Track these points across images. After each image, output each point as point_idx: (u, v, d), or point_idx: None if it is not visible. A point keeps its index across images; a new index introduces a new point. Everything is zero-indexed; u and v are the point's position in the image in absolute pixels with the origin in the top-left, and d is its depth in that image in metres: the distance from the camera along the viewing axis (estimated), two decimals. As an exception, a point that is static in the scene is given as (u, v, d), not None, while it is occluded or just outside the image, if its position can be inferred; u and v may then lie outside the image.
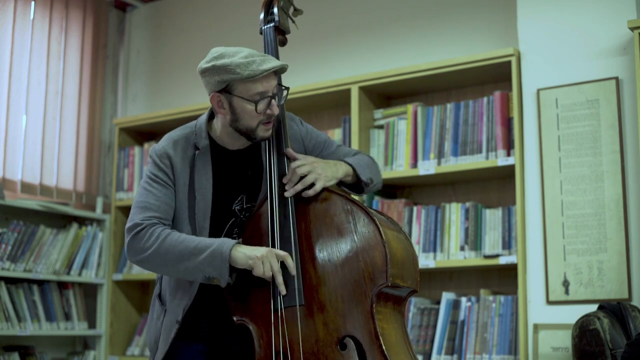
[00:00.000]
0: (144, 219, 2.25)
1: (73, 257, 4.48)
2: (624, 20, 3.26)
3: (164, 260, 2.21)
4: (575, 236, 3.29)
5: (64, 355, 4.64)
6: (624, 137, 3.25)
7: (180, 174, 2.30)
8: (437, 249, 3.68)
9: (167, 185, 2.29)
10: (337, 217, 2.18)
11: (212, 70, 2.20)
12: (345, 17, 4.43)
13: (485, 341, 3.51)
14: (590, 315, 2.90)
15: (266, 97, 2.21)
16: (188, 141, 2.33)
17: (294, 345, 2.14)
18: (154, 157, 2.32)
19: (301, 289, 2.16)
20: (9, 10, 4.49)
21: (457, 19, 4.07)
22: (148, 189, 2.29)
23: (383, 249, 2.10)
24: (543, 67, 3.47)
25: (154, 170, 2.31)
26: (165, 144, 2.34)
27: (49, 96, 4.68)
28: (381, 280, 2.09)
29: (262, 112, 2.22)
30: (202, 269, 2.16)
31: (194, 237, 2.22)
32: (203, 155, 2.31)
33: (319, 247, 2.18)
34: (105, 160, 5.04)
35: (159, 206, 2.26)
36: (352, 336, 2.10)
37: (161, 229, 2.23)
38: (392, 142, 3.88)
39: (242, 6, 4.81)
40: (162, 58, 5.15)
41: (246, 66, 2.16)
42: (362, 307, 2.10)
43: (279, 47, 2.49)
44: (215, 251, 2.14)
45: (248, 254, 2.14)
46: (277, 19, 2.46)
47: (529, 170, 3.45)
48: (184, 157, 2.31)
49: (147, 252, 2.22)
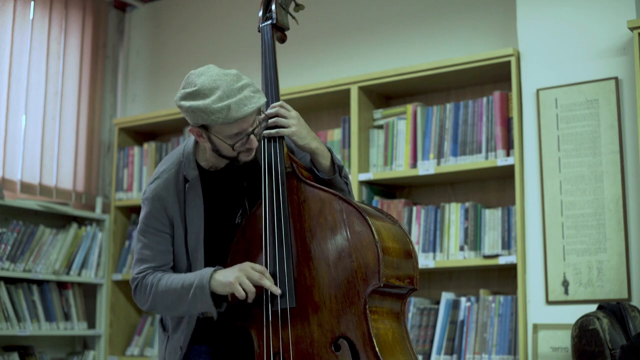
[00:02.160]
0: (138, 272, 2.32)
1: (72, 257, 4.48)
2: (623, 20, 3.26)
3: (164, 305, 2.28)
4: (575, 236, 3.29)
5: (64, 355, 4.64)
6: (624, 137, 3.25)
7: (173, 213, 2.32)
8: (436, 249, 3.68)
9: (159, 232, 2.32)
10: (330, 216, 2.17)
11: (188, 111, 2.16)
12: (344, 17, 4.43)
13: (484, 341, 3.51)
14: (590, 315, 2.90)
15: (243, 136, 2.19)
16: (178, 175, 2.33)
17: (289, 346, 2.14)
18: (147, 202, 2.34)
19: (292, 291, 2.16)
20: (9, 10, 4.49)
21: (456, 19, 4.07)
22: (142, 240, 2.33)
23: (375, 249, 2.08)
24: (542, 67, 3.47)
25: (146, 219, 2.33)
26: (156, 185, 2.34)
27: (49, 96, 4.68)
28: (374, 281, 2.07)
29: (239, 149, 2.22)
30: (193, 308, 2.23)
31: (179, 277, 2.25)
32: (193, 187, 2.32)
33: (313, 247, 2.17)
34: (105, 160, 5.04)
35: (153, 256, 2.31)
36: (346, 337, 2.09)
37: (152, 277, 2.29)
38: (391, 142, 3.88)
39: (242, 6, 4.81)
40: (162, 58, 5.15)
41: (220, 112, 2.11)
42: (355, 308, 2.09)
43: (278, 44, 2.48)
44: (197, 288, 2.19)
45: (222, 282, 2.16)
46: (274, 17, 2.45)
47: (528, 170, 3.45)
48: (176, 194, 2.32)
49: (148, 302, 2.30)
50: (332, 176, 2.30)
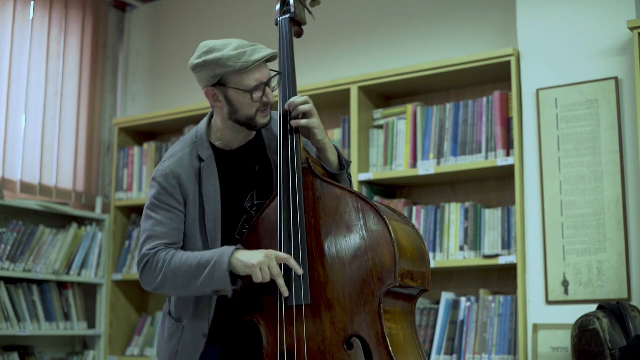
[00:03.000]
0: (150, 249, 2.26)
1: (72, 257, 4.48)
2: (623, 20, 3.26)
3: (175, 283, 2.23)
4: (575, 236, 3.29)
5: (64, 355, 4.64)
6: (624, 137, 3.25)
7: (189, 191, 2.30)
8: (436, 249, 3.68)
9: (173, 209, 2.28)
10: (347, 214, 2.15)
11: (204, 66, 2.22)
12: (344, 17, 4.43)
13: (484, 341, 3.51)
14: (590, 315, 2.90)
15: (261, 86, 2.24)
16: (192, 155, 2.33)
17: (301, 343, 2.12)
18: (159, 180, 2.30)
19: (307, 288, 2.14)
20: (9, 10, 4.49)
21: (456, 19, 4.07)
22: (153, 217, 2.28)
23: (392, 248, 2.06)
24: (542, 67, 3.47)
25: (158, 195, 2.29)
26: (170, 162, 2.32)
27: (49, 96, 4.68)
28: (390, 280, 2.06)
29: (258, 100, 2.24)
30: (207, 284, 2.18)
31: (196, 254, 2.22)
32: (208, 166, 2.31)
33: (328, 245, 2.16)
34: (105, 160, 5.04)
35: (166, 233, 2.27)
36: (359, 336, 2.08)
37: (165, 253, 2.24)
38: (391, 142, 3.88)
39: (242, 6, 4.81)
40: (162, 58, 5.15)
41: (238, 58, 2.19)
42: (369, 307, 2.07)
43: (294, 38, 2.47)
44: (216, 264, 2.15)
45: (245, 262, 2.13)
46: (292, 10, 2.44)
47: (528, 170, 3.45)
48: (191, 173, 2.31)
49: (157, 280, 2.24)
50: (339, 172, 2.31)
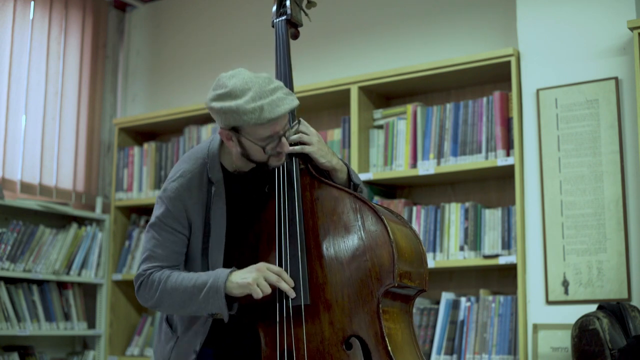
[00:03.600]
0: (145, 269, 2.24)
1: (72, 257, 4.48)
2: (623, 20, 3.26)
3: (171, 303, 2.21)
4: (575, 236, 3.29)
5: (64, 355, 4.64)
6: (624, 137, 3.25)
7: (195, 214, 2.26)
8: (436, 249, 3.68)
9: (176, 232, 2.25)
10: (345, 214, 2.16)
11: (220, 112, 2.12)
12: (344, 17, 4.43)
13: (484, 341, 3.51)
14: (590, 315, 2.90)
15: (275, 137, 2.15)
16: (202, 176, 2.27)
17: (300, 344, 2.13)
18: (167, 201, 2.25)
19: (307, 288, 2.14)
20: (9, 10, 4.49)
21: (456, 19, 4.07)
22: (155, 237, 2.25)
23: (390, 248, 2.07)
24: (542, 67, 3.47)
25: (163, 217, 2.25)
26: (178, 185, 2.26)
27: (49, 96, 4.68)
28: (388, 280, 2.07)
29: (271, 153, 2.18)
30: (203, 307, 2.17)
31: (191, 276, 2.19)
32: (217, 188, 2.27)
33: (326, 245, 2.16)
34: (105, 160, 5.04)
35: (167, 256, 2.24)
36: (358, 336, 2.08)
37: (160, 273, 2.22)
38: (391, 142, 3.88)
39: (242, 6, 4.80)
40: (162, 58, 5.15)
41: (253, 113, 2.07)
42: (368, 307, 2.08)
43: (290, 40, 2.47)
44: (211, 288, 2.13)
45: (240, 283, 2.11)
46: (289, 12, 2.44)
47: (528, 170, 3.45)
48: (199, 196, 2.26)
49: (154, 298, 2.23)
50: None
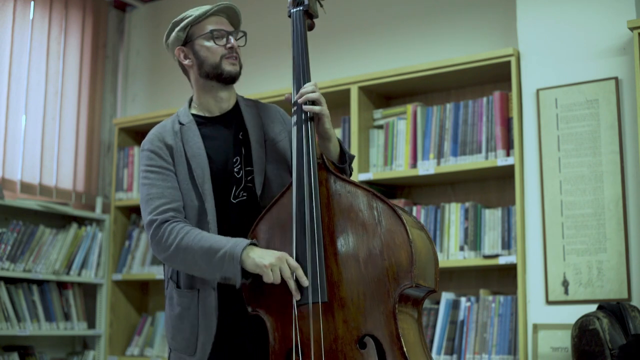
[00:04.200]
0: (152, 211, 2.29)
1: (72, 257, 4.48)
2: (623, 20, 3.26)
3: (184, 260, 2.23)
4: (575, 236, 3.29)
5: (64, 355, 4.64)
6: (624, 137, 3.25)
7: (174, 149, 2.37)
8: (436, 249, 3.68)
9: (162, 169, 2.35)
10: (362, 212, 2.13)
11: (171, 28, 2.40)
12: (344, 17, 4.43)
13: (484, 341, 3.51)
14: (590, 315, 2.90)
15: (222, 31, 2.37)
16: (174, 122, 2.43)
17: (311, 341, 2.10)
18: (146, 147, 2.39)
19: (324, 285, 2.11)
20: (9, 10, 4.49)
21: (456, 19, 4.07)
22: (147, 183, 2.34)
23: (409, 248, 2.05)
24: (542, 67, 3.46)
25: (147, 160, 2.37)
26: (153, 131, 2.44)
27: (49, 96, 4.68)
28: (406, 281, 2.04)
29: (221, 44, 2.35)
30: (216, 270, 2.17)
31: (209, 236, 2.22)
32: (189, 128, 2.40)
33: (342, 242, 2.14)
34: (105, 160, 5.04)
35: (162, 193, 2.31)
36: (373, 335, 2.06)
37: (180, 226, 2.25)
38: (391, 142, 3.88)
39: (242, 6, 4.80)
40: (162, 58, 5.15)
41: (196, 9, 2.37)
42: (384, 307, 2.05)
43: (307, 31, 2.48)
44: (228, 254, 2.14)
45: (257, 262, 2.12)
46: (306, 2, 2.45)
47: (528, 170, 3.45)
48: (174, 134, 2.39)
49: (167, 252, 2.25)
50: (343, 165, 2.31)
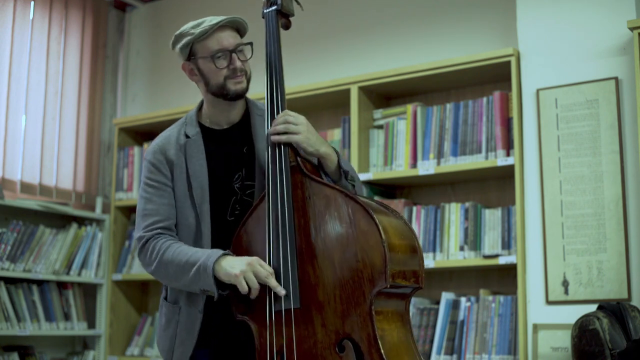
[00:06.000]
0: (144, 228, 2.33)
1: (72, 257, 4.48)
2: (623, 20, 3.26)
3: (166, 275, 2.28)
4: (575, 236, 3.29)
5: (64, 355, 4.64)
6: (624, 137, 3.25)
7: (176, 164, 2.37)
8: (436, 249, 3.68)
9: (161, 185, 2.36)
10: (336, 213, 2.12)
11: (175, 41, 2.40)
12: (344, 17, 4.43)
13: (484, 341, 3.51)
14: (590, 315, 2.90)
15: (224, 52, 2.33)
16: (180, 133, 2.42)
17: (292, 346, 2.10)
18: (149, 158, 2.40)
19: (297, 292, 2.12)
20: (9, 10, 4.49)
21: (456, 19, 4.07)
22: (145, 197, 2.37)
23: (382, 248, 2.03)
24: (542, 67, 3.46)
25: (148, 173, 2.38)
26: (158, 141, 2.44)
27: (49, 96, 4.68)
28: (380, 282, 2.03)
29: (222, 67, 2.32)
30: (194, 283, 2.21)
31: (187, 249, 2.25)
32: (195, 142, 2.39)
33: (317, 246, 2.13)
34: (105, 160, 5.04)
35: (157, 209, 2.34)
36: (351, 338, 2.05)
37: (162, 242, 2.29)
38: (391, 142, 3.88)
39: (242, 6, 4.80)
40: (162, 58, 5.15)
41: (197, 25, 2.35)
42: (360, 309, 2.04)
43: (282, 30, 2.46)
44: (202, 266, 2.18)
45: (228, 271, 2.14)
46: (279, 2, 2.42)
47: (528, 170, 3.45)
48: (178, 149, 2.39)
49: (152, 266, 2.31)
50: (338, 180, 2.30)
